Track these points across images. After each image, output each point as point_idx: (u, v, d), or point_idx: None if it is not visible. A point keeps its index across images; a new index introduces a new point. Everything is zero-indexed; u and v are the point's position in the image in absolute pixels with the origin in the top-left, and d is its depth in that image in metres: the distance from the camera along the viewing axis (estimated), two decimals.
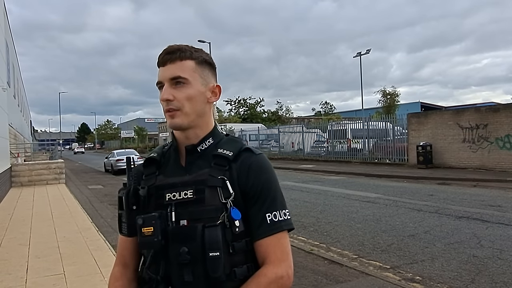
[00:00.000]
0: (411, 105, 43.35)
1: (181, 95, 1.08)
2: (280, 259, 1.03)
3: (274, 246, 1.04)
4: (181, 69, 1.08)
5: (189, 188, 1.05)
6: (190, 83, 1.09)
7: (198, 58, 1.12)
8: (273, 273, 1.01)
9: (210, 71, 1.16)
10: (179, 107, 1.08)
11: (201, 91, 1.11)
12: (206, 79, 1.13)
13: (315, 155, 22.74)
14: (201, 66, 1.12)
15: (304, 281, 4.07)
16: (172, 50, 1.10)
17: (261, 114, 48.17)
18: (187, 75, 1.08)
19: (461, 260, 4.68)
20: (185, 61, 1.09)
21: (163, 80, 1.10)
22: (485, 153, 13.60)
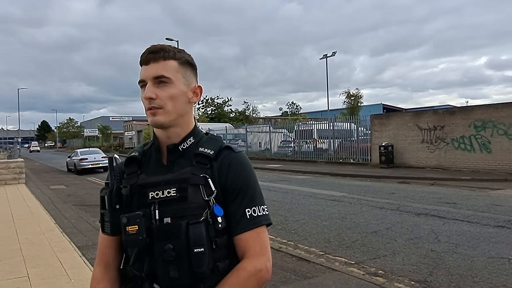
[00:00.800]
0: (374, 107, 44.82)
1: (164, 94, 1.10)
2: (259, 253, 1.08)
3: (253, 240, 1.08)
4: (165, 68, 1.10)
5: (172, 187, 1.07)
6: (173, 83, 1.11)
7: (181, 58, 1.14)
8: (252, 266, 1.05)
9: (192, 72, 1.19)
10: (162, 106, 1.10)
11: (183, 91, 1.14)
12: (188, 80, 1.16)
13: (282, 154, 23.03)
14: (184, 66, 1.15)
15: (273, 278, 4.17)
16: (155, 49, 1.12)
17: (229, 113, 48.08)
18: (170, 74, 1.11)
19: (420, 254, 4.97)
20: (168, 61, 1.12)
21: (146, 78, 1.11)
22: (442, 153, 14.37)
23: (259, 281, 1.07)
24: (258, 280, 1.06)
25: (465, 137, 13.67)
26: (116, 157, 1.22)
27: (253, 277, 1.05)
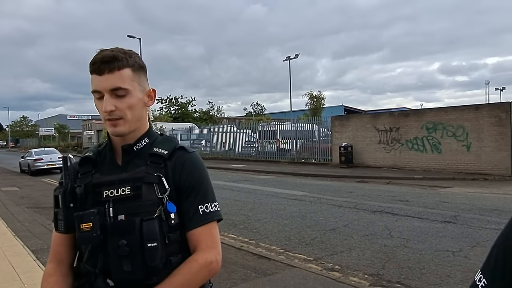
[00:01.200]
0: (335, 108, 46.07)
1: (123, 105, 1.13)
2: (210, 247, 1.15)
3: (205, 235, 1.15)
4: (121, 79, 1.12)
5: (127, 185, 1.12)
6: (131, 93, 1.14)
7: (134, 64, 1.16)
8: (203, 258, 1.12)
9: (144, 76, 1.21)
10: (121, 116, 1.13)
11: (140, 98, 1.18)
12: (143, 85, 1.19)
13: (246, 155, 23.16)
14: (138, 72, 1.17)
15: (234, 276, 4.26)
16: (108, 59, 1.11)
17: (193, 113, 47.66)
18: (127, 85, 1.13)
19: (374, 249, 5.24)
20: (123, 70, 1.12)
21: (102, 90, 1.12)
22: (397, 153, 15.08)
23: (210, 272, 1.14)
24: (209, 272, 1.14)
25: (418, 138, 14.44)
26: (70, 157, 1.24)
27: (204, 268, 1.13)
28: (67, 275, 1.20)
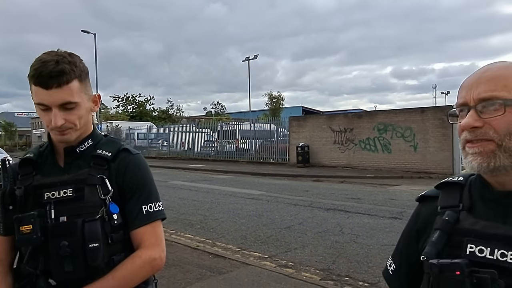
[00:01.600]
0: (294, 109, 46.95)
1: (72, 117, 1.14)
2: (154, 244, 1.19)
3: (149, 233, 1.20)
4: (70, 93, 1.11)
5: (69, 187, 1.13)
6: (80, 105, 1.14)
7: (81, 74, 1.14)
8: (147, 255, 1.17)
9: (89, 81, 1.21)
10: (70, 127, 1.15)
11: (88, 107, 1.20)
12: (89, 92, 1.20)
13: (205, 154, 23.05)
14: (84, 82, 1.17)
15: (188, 276, 4.29)
16: (55, 74, 1.08)
17: (151, 112, 46.55)
18: (76, 98, 1.12)
19: (326, 245, 5.47)
20: (71, 83, 1.11)
21: (51, 105, 1.10)
22: (351, 153, 15.71)
23: (153, 268, 1.19)
24: (152, 268, 1.19)
25: (370, 139, 15.13)
26: (9, 159, 1.24)
27: (148, 264, 1.17)
28: (6, 273, 1.20)
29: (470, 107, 0.77)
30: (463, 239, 0.77)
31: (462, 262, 0.72)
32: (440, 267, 0.74)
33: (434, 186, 0.94)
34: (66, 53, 1.14)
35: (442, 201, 0.87)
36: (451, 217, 0.81)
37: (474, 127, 0.76)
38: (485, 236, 0.75)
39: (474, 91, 0.77)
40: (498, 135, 0.74)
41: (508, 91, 0.74)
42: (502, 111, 0.73)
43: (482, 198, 0.82)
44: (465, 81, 0.81)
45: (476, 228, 0.77)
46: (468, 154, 0.78)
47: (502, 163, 0.74)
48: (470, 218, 0.80)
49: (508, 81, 0.74)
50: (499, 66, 0.78)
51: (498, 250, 0.73)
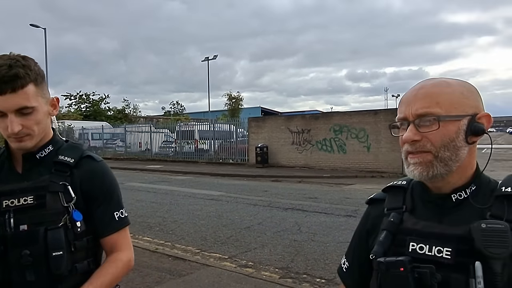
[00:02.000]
0: (253, 110, 47.28)
1: (30, 122, 1.10)
2: (128, 247, 1.26)
3: (122, 238, 1.25)
4: (26, 98, 1.07)
5: (29, 194, 1.10)
6: (36, 109, 1.10)
7: (36, 78, 1.10)
8: (126, 257, 1.23)
9: (45, 85, 1.17)
10: (28, 133, 1.11)
11: (45, 111, 1.15)
12: (46, 96, 1.16)
13: (163, 155, 22.63)
14: (40, 86, 1.13)
15: (148, 279, 4.24)
16: (9, 78, 1.04)
17: (106, 111, 44.81)
18: (33, 102, 1.09)
19: (284, 244, 5.61)
20: (26, 87, 1.07)
21: (6, 111, 1.07)
22: (308, 154, 16.12)
23: (128, 268, 1.26)
24: (128, 268, 1.25)
25: (327, 140, 15.62)
26: None
27: (126, 266, 1.24)
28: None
29: (410, 122, 0.85)
30: (406, 238, 0.86)
31: (405, 260, 0.81)
32: (387, 265, 0.82)
33: (381, 189, 1.04)
34: (20, 56, 1.11)
35: (388, 203, 0.96)
36: (396, 218, 0.90)
37: (414, 140, 0.84)
38: (425, 234, 0.85)
39: (412, 107, 0.85)
40: (434, 147, 0.83)
41: (441, 107, 0.83)
42: (437, 126, 0.82)
43: (422, 200, 0.92)
44: (404, 96, 0.90)
45: (417, 227, 0.87)
46: (410, 164, 0.87)
47: (439, 171, 0.84)
48: (412, 218, 0.89)
49: (440, 99, 0.84)
50: (432, 84, 0.87)
51: (435, 247, 0.82)
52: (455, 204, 0.86)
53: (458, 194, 0.86)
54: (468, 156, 0.86)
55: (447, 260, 0.80)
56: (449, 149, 0.83)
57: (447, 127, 0.83)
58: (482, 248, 0.76)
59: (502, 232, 0.76)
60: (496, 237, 0.76)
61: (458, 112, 0.83)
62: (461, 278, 0.78)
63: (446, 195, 0.87)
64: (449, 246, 0.81)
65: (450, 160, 0.83)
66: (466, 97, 0.85)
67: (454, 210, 0.86)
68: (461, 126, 0.84)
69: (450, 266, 0.79)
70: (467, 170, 0.87)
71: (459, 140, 0.84)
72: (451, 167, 0.84)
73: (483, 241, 0.76)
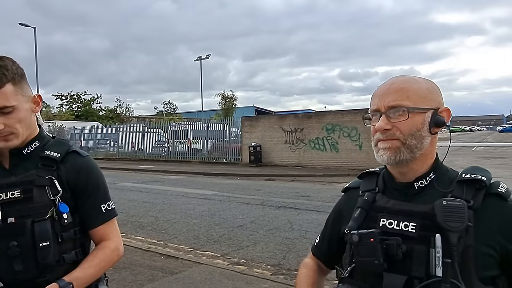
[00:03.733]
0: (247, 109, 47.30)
1: (11, 121, 1.13)
2: (116, 236, 1.32)
3: (110, 228, 1.30)
4: (4, 98, 1.10)
5: (16, 189, 1.15)
6: (17, 108, 1.13)
7: (14, 77, 1.13)
8: (113, 245, 1.29)
9: (26, 83, 1.19)
10: (11, 131, 1.14)
11: (27, 108, 1.18)
12: (27, 94, 1.18)
13: (156, 155, 22.56)
14: (19, 84, 1.15)
15: (140, 278, 4.25)
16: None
17: (98, 111, 44.51)
18: (12, 101, 1.11)
19: (276, 242, 5.65)
20: (4, 87, 1.10)
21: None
22: (301, 152, 16.19)
23: (117, 256, 1.31)
24: (117, 256, 1.30)
25: (319, 139, 15.70)
26: None
27: (114, 253, 1.29)
28: None
29: (382, 113, 0.96)
30: (377, 214, 0.97)
31: (375, 232, 0.91)
32: (360, 236, 0.92)
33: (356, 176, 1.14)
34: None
35: (363, 186, 1.07)
36: (370, 197, 1.02)
37: (385, 129, 0.94)
38: (394, 211, 0.95)
39: (385, 100, 0.95)
40: (403, 135, 0.93)
41: (410, 100, 0.93)
42: (406, 117, 0.93)
43: (390, 187, 1.03)
44: (377, 91, 1.00)
45: (387, 205, 0.98)
46: (379, 149, 0.97)
47: (405, 156, 0.94)
48: (384, 198, 1.00)
49: (410, 93, 0.94)
50: (402, 80, 0.98)
51: (402, 222, 0.92)
52: (418, 191, 0.97)
53: (420, 182, 0.97)
54: (430, 146, 0.96)
55: (412, 234, 0.90)
56: (416, 137, 0.93)
57: (415, 118, 0.93)
58: (442, 222, 0.86)
59: (459, 208, 0.86)
60: (454, 212, 0.86)
61: (424, 105, 0.94)
62: (423, 248, 0.88)
63: (410, 183, 0.98)
64: (415, 221, 0.91)
65: (416, 147, 0.94)
66: (431, 92, 0.97)
67: (418, 196, 0.96)
68: (426, 118, 0.94)
69: (414, 238, 0.90)
70: (427, 158, 0.98)
71: (424, 130, 0.94)
72: (415, 154, 0.94)
73: (443, 216, 0.86)
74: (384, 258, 0.89)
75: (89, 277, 1.21)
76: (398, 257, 0.89)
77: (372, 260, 0.89)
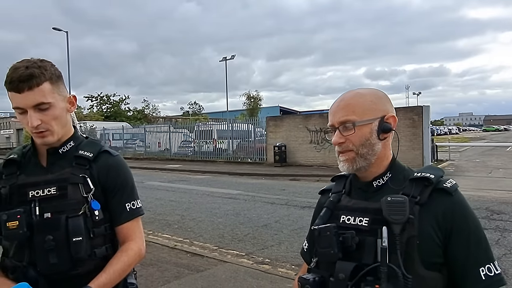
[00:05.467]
0: (271, 109, 47.28)
1: (48, 117, 1.21)
2: (139, 237, 1.35)
3: (134, 228, 1.34)
4: (42, 94, 1.18)
5: (52, 186, 1.23)
6: (53, 105, 1.21)
7: (52, 77, 1.21)
8: (137, 247, 1.32)
9: (62, 84, 1.28)
10: (48, 128, 1.22)
11: (63, 107, 1.27)
12: (63, 94, 1.27)
13: (182, 155, 22.92)
14: (56, 83, 1.23)
15: (167, 274, 4.34)
16: (25, 78, 1.15)
17: (126, 112, 45.73)
18: (49, 99, 1.20)
19: (301, 242, 5.53)
20: (42, 85, 1.18)
21: (24, 107, 1.18)
22: (326, 152, 16.02)
23: (140, 258, 1.34)
24: (139, 257, 1.34)
25: None
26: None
27: (137, 255, 1.32)
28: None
29: (335, 128, 1.08)
30: (339, 212, 1.09)
31: (331, 226, 1.03)
32: (319, 230, 1.04)
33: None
34: (38, 59, 1.22)
35: (334, 189, 1.20)
36: (335, 198, 1.14)
37: (340, 142, 1.08)
38: (352, 209, 1.07)
39: (336, 116, 1.09)
40: (355, 147, 1.06)
41: (356, 115, 1.06)
42: (353, 130, 1.05)
43: (355, 187, 1.15)
44: (331, 107, 1.13)
45: (348, 204, 1.10)
46: (340, 161, 1.10)
47: (361, 164, 1.07)
48: (347, 198, 1.12)
49: (355, 108, 1.07)
50: (350, 96, 1.10)
51: (358, 218, 1.05)
52: (376, 189, 1.09)
53: (378, 181, 1.09)
54: (383, 149, 1.08)
55: (365, 227, 1.02)
56: (366, 146, 1.06)
57: (362, 129, 1.06)
58: (386, 216, 0.97)
59: (401, 203, 0.97)
60: (396, 207, 0.97)
61: (369, 117, 1.06)
62: (372, 239, 0.99)
63: (369, 182, 1.10)
64: (368, 216, 1.03)
65: (368, 154, 1.06)
66: (375, 103, 1.08)
67: (377, 193, 1.08)
68: (373, 127, 1.06)
69: (366, 231, 1.02)
70: (383, 160, 1.10)
71: (373, 138, 1.06)
72: (370, 160, 1.07)
73: (387, 210, 0.98)
74: (339, 248, 1.00)
75: (114, 283, 1.25)
76: (352, 248, 1.00)
77: (329, 250, 1.00)
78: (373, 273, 0.95)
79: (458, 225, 0.99)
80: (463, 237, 0.99)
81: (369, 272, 0.96)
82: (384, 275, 0.93)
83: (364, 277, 0.96)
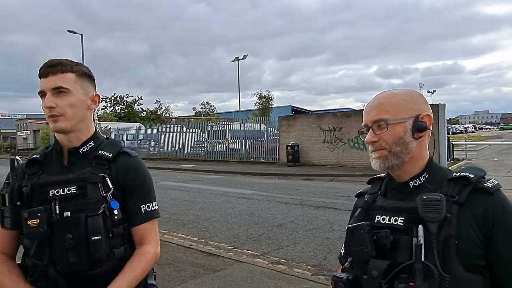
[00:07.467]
0: (283, 108, 47.11)
1: (63, 102, 1.24)
2: (155, 240, 1.35)
3: (149, 230, 1.33)
4: (62, 80, 1.24)
5: (73, 185, 1.24)
6: (71, 92, 1.25)
7: (79, 71, 1.28)
8: (153, 250, 1.32)
9: (90, 83, 1.33)
10: (62, 113, 1.24)
11: (82, 99, 1.29)
12: (86, 89, 1.31)
13: (195, 155, 23.04)
14: (81, 78, 1.29)
15: (183, 274, 4.35)
16: (53, 64, 1.24)
17: (139, 113, 46.20)
18: (68, 85, 1.25)
19: (317, 242, 5.58)
20: (66, 73, 1.25)
21: (45, 89, 1.24)
22: (340, 152, 15.89)
23: (155, 260, 1.34)
24: (155, 260, 1.34)
25: (359, 138, 15.31)
26: (17, 159, 1.34)
27: (154, 259, 1.33)
28: (12, 267, 1.28)
29: (369, 127, 1.10)
30: (374, 212, 1.10)
31: (364, 224, 1.03)
32: (352, 228, 1.05)
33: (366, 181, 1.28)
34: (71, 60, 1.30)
35: (370, 190, 1.20)
36: (370, 199, 1.15)
37: (373, 141, 1.09)
38: (387, 209, 1.08)
39: (369, 116, 1.10)
40: (388, 145, 1.07)
41: (389, 113, 1.06)
42: (386, 129, 1.06)
43: (390, 187, 1.14)
44: (365, 108, 1.14)
45: (384, 205, 1.11)
46: (373, 159, 1.11)
47: (394, 162, 1.07)
48: (382, 199, 1.13)
49: (388, 107, 1.07)
50: (383, 96, 1.11)
51: (393, 217, 1.05)
52: (412, 189, 1.08)
53: (414, 181, 1.08)
54: (418, 149, 1.07)
55: (400, 226, 1.02)
56: (399, 144, 1.06)
57: (395, 128, 1.06)
58: (422, 214, 0.96)
59: (438, 201, 0.95)
60: (433, 205, 0.95)
61: (403, 115, 1.06)
62: (408, 238, 0.99)
63: (405, 183, 1.09)
64: (403, 216, 1.03)
65: (402, 153, 1.06)
66: (409, 102, 1.08)
67: (413, 194, 1.06)
68: (407, 125, 1.06)
69: (401, 230, 1.01)
70: (418, 160, 1.08)
71: (407, 136, 1.06)
72: (403, 158, 1.07)
73: (423, 208, 0.96)
74: (373, 247, 1.00)
75: (131, 286, 1.26)
76: (386, 247, 1.00)
77: (362, 248, 1.01)
78: (408, 271, 0.94)
79: (500, 226, 0.96)
80: (506, 238, 0.96)
81: (404, 270, 0.95)
82: (419, 272, 0.91)
83: (398, 275, 0.95)
